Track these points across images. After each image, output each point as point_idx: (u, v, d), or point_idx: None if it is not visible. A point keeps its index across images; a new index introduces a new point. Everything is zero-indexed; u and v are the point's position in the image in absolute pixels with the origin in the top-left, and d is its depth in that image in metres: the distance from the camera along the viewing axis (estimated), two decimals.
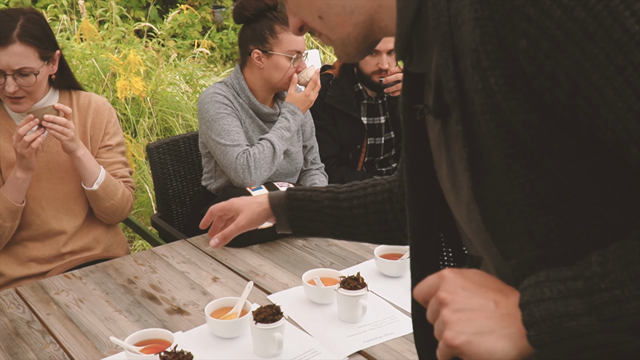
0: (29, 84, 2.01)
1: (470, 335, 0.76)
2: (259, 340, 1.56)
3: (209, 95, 2.36)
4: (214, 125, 2.31)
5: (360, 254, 2.12)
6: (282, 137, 2.32)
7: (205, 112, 2.34)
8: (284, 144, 2.33)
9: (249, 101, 2.41)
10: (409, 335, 1.65)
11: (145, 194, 4.30)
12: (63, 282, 1.96)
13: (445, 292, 0.79)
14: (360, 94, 2.89)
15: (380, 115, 2.94)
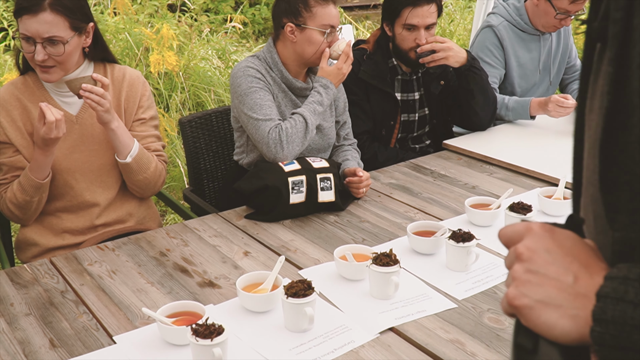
0: (58, 54, 2.02)
1: (534, 301, 0.69)
2: (289, 314, 1.56)
3: (242, 69, 2.35)
4: (246, 99, 2.29)
5: (393, 230, 2.10)
6: (314, 112, 2.30)
7: (238, 86, 2.33)
8: (316, 118, 2.30)
9: (281, 75, 2.39)
10: (441, 313, 1.63)
11: (177, 169, 4.32)
12: (96, 253, 1.97)
13: (525, 248, 0.72)
14: (394, 69, 2.85)
15: (414, 91, 2.89)
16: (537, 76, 3.26)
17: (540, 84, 3.30)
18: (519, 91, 3.22)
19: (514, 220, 1.97)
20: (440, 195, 2.38)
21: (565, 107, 2.91)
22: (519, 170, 2.57)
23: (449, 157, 2.78)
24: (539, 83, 3.29)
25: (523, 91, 3.24)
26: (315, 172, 2.18)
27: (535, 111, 3.03)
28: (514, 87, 3.21)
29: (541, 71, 3.26)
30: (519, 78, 3.21)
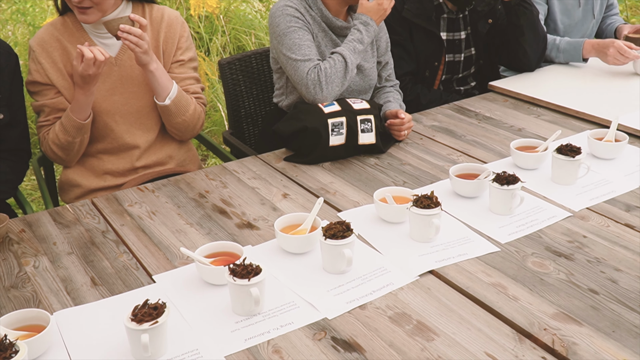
0: None
1: None
2: (328, 256, 1.54)
3: (280, 9, 2.28)
4: (285, 39, 2.24)
5: (435, 173, 2.05)
6: (354, 50, 2.23)
7: (276, 25, 2.27)
8: (356, 57, 2.24)
9: (321, 14, 2.32)
10: (483, 257, 1.60)
11: (218, 113, 4.31)
12: (136, 194, 1.98)
13: None
14: (440, 7, 2.74)
15: (460, 31, 2.79)
16: (579, 11, 3.10)
17: (583, 20, 3.14)
18: (562, 27, 3.07)
19: (561, 163, 1.90)
20: (485, 137, 2.31)
21: (626, 57, 2.77)
22: (568, 112, 2.48)
23: (494, 99, 2.69)
24: (582, 19, 3.13)
25: (566, 28, 3.10)
26: (355, 114, 2.13)
27: (589, 53, 2.90)
28: (556, 24, 3.06)
29: (582, 5, 3.10)
30: (561, 14, 3.06)
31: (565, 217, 1.77)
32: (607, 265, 1.55)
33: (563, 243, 1.65)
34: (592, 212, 1.79)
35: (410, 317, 1.40)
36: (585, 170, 1.91)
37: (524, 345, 1.30)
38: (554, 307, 1.41)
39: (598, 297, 1.44)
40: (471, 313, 1.40)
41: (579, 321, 1.36)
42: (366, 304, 1.44)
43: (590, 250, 1.61)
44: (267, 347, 1.32)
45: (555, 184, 1.93)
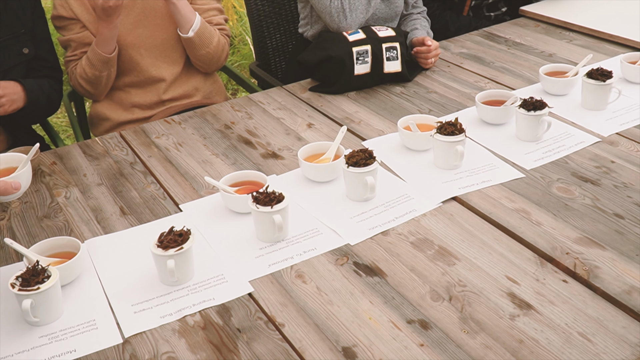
0: None
1: None
2: (351, 183, 1.55)
3: None
4: None
5: (461, 101, 2.02)
6: None
7: None
8: None
9: None
10: (507, 183, 1.59)
11: (247, 46, 4.29)
12: (163, 126, 2.00)
13: None
14: None
15: None
16: None
17: None
18: None
19: (592, 87, 1.85)
20: (514, 64, 2.26)
21: None
22: (601, 35, 2.40)
23: (525, 24, 2.62)
24: None
25: None
26: (380, 42, 2.09)
27: None
28: None
29: None
30: None
31: (593, 142, 1.74)
32: (634, 190, 1.53)
33: (590, 169, 1.63)
34: (621, 137, 1.76)
35: (432, 243, 1.41)
36: (616, 94, 1.87)
37: (545, 269, 1.31)
38: (577, 232, 1.40)
39: (623, 221, 1.43)
40: (493, 238, 1.41)
41: (603, 245, 1.36)
42: (388, 230, 1.46)
43: (618, 176, 1.59)
44: (290, 272, 1.35)
45: (585, 110, 1.89)
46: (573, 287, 1.26)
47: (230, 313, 1.25)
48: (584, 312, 1.19)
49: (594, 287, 1.25)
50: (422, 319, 1.20)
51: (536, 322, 1.18)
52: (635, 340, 1.13)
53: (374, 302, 1.25)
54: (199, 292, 1.31)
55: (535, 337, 1.15)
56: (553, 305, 1.22)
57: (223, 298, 1.29)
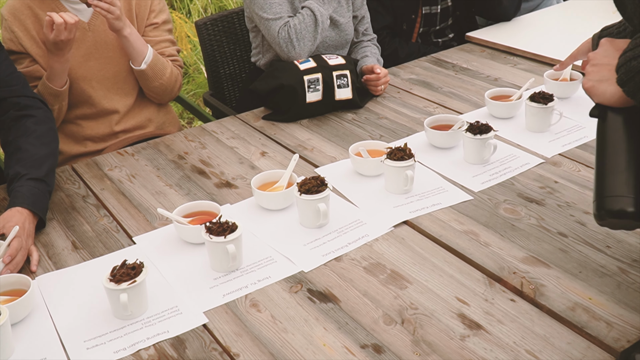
0: None
1: (595, 81, 1.15)
2: (303, 211, 1.57)
3: None
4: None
5: (411, 126, 2.07)
6: (322, 2, 2.22)
7: None
8: (326, 8, 2.22)
9: None
10: (456, 205, 1.63)
11: (202, 75, 4.30)
12: (116, 158, 1.99)
13: (593, 53, 1.19)
14: None
15: None
16: None
17: None
18: None
19: (534, 110, 1.92)
20: (461, 89, 2.32)
21: None
22: (544, 59, 2.49)
23: (472, 49, 2.70)
24: None
25: None
26: (331, 70, 2.13)
27: None
28: None
29: None
30: None
31: (537, 163, 1.79)
32: (576, 209, 1.59)
33: (535, 189, 1.68)
34: (564, 157, 1.82)
35: (385, 267, 1.43)
36: (558, 116, 1.93)
37: (493, 288, 1.34)
38: (523, 251, 1.44)
39: (567, 239, 1.48)
40: (443, 260, 1.44)
41: (548, 264, 1.40)
42: (342, 255, 1.48)
43: (561, 195, 1.64)
44: (245, 301, 1.36)
45: (529, 132, 1.95)
46: (520, 305, 1.29)
47: (184, 345, 1.25)
48: (531, 330, 1.23)
49: (540, 305, 1.29)
50: (375, 343, 1.22)
51: (485, 342, 1.21)
52: (579, 356, 1.17)
53: (328, 329, 1.27)
54: (153, 325, 1.30)
55: (485, 356, 1.18)
56: (502, 324, 1.25)
57: (177, 330, 1.29)
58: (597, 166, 1.14)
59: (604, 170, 1.12)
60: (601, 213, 1.10)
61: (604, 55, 1.17)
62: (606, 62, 1.15)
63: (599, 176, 1.13)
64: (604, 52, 1.17)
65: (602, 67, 1.15)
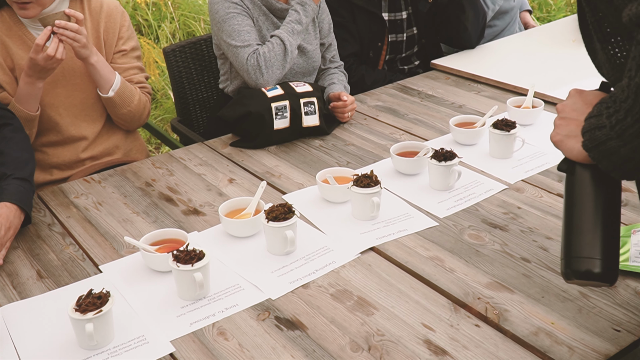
0: None
1: (563, 136, 1.13)
2: (271, 238, 1.58)
3: None
4: (225, 25, 2.25)
5: (377, 152, 2.10)
6: (292, 32, 2.25)
7: (216, 12, 2.28)
8: (295, 38, 2.26)
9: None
10: (422, 232, 1.65)
11: (170, 100, 4.30)
12: (82, 186, 1.98)
13: (562, 105, 1.16)
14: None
15: (402, 11, 2.83)
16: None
17: None
18: None
19: (497, 137, 1.96)
20: (427, 115, 2.36)
21: None
22: (506, 87, 2.55)
23: (437, 77, 2.75)
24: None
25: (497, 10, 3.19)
26: (298, 97, 2.16)
27: None
28: None
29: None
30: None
31: (501, 189, 1.83)
32: (539, 234, 1.62)
33: (498, 215, 1.71)
34: (526, 183, 1.86)
35: (352, 294, 1.44)
36: (520, 143, 1.98)
37: (458, 314, 1.36)
38: (488, 277, 1.47)
39: (529, 265, 1.51)
40: (409, 286, 1.46)
41: (511, 289, 1.43)
42: (309, 283, 1.49)
43: (524, 221, 1.68)
44: (212, 330, 1.36)
45: (493, 158, 2.00)
46: (485, 331, 1.32)
47: None
48: (495, 355, 1.25)
49: (504, 330, 1.31)
50: None
51: None
52: None
53: (295, 357, 1.27)
54: (119, 355, 1.29)
55: None
56: (466, 349, 1.27)
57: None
58: (565, 223, 1.15)
59: (571, 229, 1.13)
60: (568, 273, 1.12)
61: (572, 108, 1.14)
62: (574, 117, 1.12)
63: (566, 234, 1.14)
64: (572, 105, 1.14)
65: (570, 121, 1.13)
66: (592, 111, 1.04)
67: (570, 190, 1.15)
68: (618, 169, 1.03)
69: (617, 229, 1.13)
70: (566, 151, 1.13)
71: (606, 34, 1.05)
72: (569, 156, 1.13)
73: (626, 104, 0.96)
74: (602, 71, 1.12)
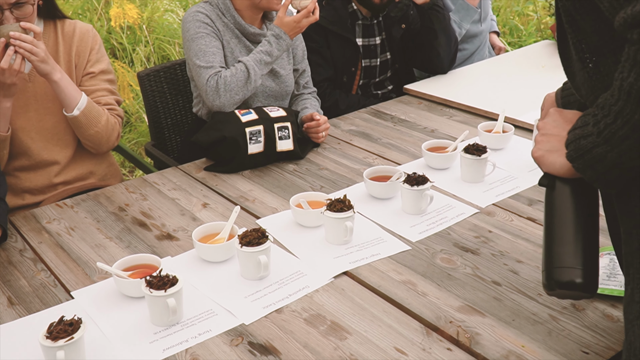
0: (26, 14, 1.98)
1: (544, 151, 1.16)
2: (244, 263, 1.58)
3: (191, 14, 2.33)
4: (193, 45, 2.28)
5: (351, 176, 2.11)
6: (259, 61, 2.28)
7: (186, 31, 2.31)
8: (261, 68, 2.28)
9: (234, 21, 2.36)
10: (395, 256, 1.67)
11: (144, 124, 4.29)
12: (55, 211, 1.97)
13: (542, 122, 1.20)
14: (354, 14, 2.82)
15: (375, 36, 2.87)
16: None
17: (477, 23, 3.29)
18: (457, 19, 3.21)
19: (469, 161, 1.99)
20: (400, 140, 2.39)
21: None
22: (478, 112, 2.59)
23: (409, 101, 2.79)
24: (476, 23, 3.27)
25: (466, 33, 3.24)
26: (272, 122, 2.17)
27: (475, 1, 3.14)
28: None
29: None
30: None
31: (472, 213, 1.86)
32: (509, 257, 1.65)
33: (470, 239, 1.74)
34: (497, 207, 1.89)
35: (325, 318, 1.45)
36: (491, 167, 2.01)
37: (431, 338, 1.38)
38: (459, 301, 1.49)
39: (500, 288, 1.53)
40: (382, 311, 1.47)
41: (482, 312, 1.45)
42: (282, 307, 1.49)
43: (495, 244, 1.70)
44: (185, 356, 1.35)
45: (464, 182, 2.02)
46: (456, 354, 1.33)
47: None
48: None
49: (475, 354, 1.33)
50: None
51: None
52: None
53: None
54: None
55: None
56: None
57: None
58: (546, 236, 1.17)
59: (553, 241, 1.15)
60: (550, 283, 1.14)
61: (553, 125, 1.18)
62: (556, 133, 1.16)
63: (547, 246, 1.16)
64: (553, 123, 1.18)
65: (551, 137, 1.16)
66: (575, 124, 1.08)
67: (550, 203, 1.18)
68: (602, 177, 1.05)
69: (597, 241, 1.16)
70: (547, 166, 1.16)
71: (588, 53, 1.08)
72: (550, 171, 1.16)
73: (616, 106, 0.98)
74: (581, 92, 1.15)
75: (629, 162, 1.01)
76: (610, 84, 1.05)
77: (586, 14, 1.06)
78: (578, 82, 1.15)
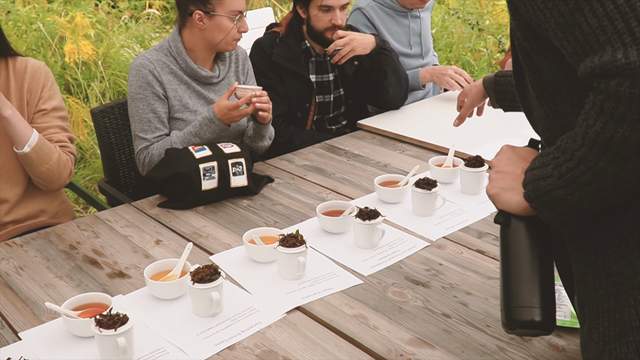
0: None
1: (499, 189, 1.17)
2: (197, 300, 1.58)
3: (136, 67, 2.37)
4: (132, 105, 2.38)
5: (305, 212, 2.13)
6: (188, 143, 2.33)
7: (130, 84, 2.39)
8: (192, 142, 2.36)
9: (186, 65, 2.38)
10: (347, 290, 1.68)
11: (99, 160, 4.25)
12: (3, 250, 1.94)
13: (496, 159, 1.21)
14: (308, 51, 2.87)
15: (329, 73, 2.93)
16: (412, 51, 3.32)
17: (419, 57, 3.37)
18: None
19: (419, 195, 2.03)
20: (353, 174, 2.43)
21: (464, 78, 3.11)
22: (429, 146, 2.65)
23: (363, 136, 2.83)
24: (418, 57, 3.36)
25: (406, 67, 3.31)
26: (226, 158, 2.19)
27: (425, 80, 3.21)
28: None
29: (413, 46, 3.32)
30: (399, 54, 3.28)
31: (424, 246, 1.89)
32: (459, 290, 1.68)
33: (421, 272, 1.76)
34: (448, 240, 1.92)
35: (277, 354, 1.45)
36: (441, 201, 2.05)
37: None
38: (410, 333, 1.51)
39: (450, 320, 1.55)
40: (334, 345, 1.48)
41: (432, 345, 1.47)
42: (235, 344, 1.49)
43: (445, 277, 1.73)
44: None
45: (415, 216, 2.06)
46: None
47: None
48: None
49: None
50: None
51: None
52: None
53: None
54: None
55: None
56: None
57: None
58: (503, 274, 1.18)
59: (510, 280, 1.16)
60: (510, 323, 1.15)
61: (506, 163, 1.18)
62: (510, 171, 1.16)
63: (505, 285, 1.17)
64: (507, 160, 1.19)
65: (506, 175, 1.16)
66: (532, 164, 1.09)
67: (506, 241, 1.19)
68: (559, 218, 1.06)
69: (552, 278, 1.18)
70: (503, 204, 1.16)
71: (545, 92, 1.10)
72: (506, 209, 1.16)
73: (580, 152, 0.99)
74: (537, 128, 1.17)
75: (588, 205, 1.02)
76: (567, 122, 1.07)
77: (543, 55, 1.08)
78: (535, 117, 1.16)
